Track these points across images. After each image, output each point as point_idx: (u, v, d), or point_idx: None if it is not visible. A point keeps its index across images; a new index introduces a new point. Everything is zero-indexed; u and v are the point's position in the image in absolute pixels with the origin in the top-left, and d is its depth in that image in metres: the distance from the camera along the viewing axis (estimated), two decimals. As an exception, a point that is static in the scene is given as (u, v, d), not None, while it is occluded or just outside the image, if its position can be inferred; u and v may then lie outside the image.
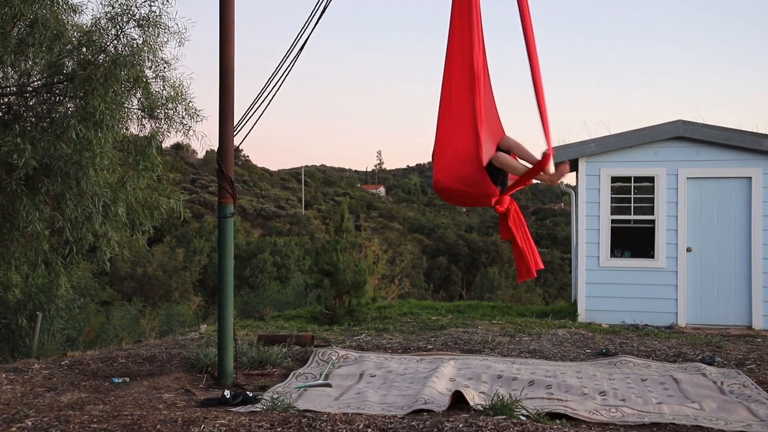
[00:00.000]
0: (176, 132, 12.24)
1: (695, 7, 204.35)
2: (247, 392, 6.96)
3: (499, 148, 6.77)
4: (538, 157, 6.39)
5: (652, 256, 12.54)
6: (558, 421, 5.94)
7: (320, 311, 12.97)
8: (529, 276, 6.85)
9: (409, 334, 10.86)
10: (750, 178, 12.17)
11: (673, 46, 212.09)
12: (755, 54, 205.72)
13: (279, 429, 5.53)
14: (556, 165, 6.58)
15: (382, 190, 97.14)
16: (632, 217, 12.63)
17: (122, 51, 11.37)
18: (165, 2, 11.58)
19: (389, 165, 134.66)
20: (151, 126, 12.13)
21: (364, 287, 12.97)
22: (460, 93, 6.52)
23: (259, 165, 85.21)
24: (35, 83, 11.77)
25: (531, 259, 6.84)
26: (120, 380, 7.84)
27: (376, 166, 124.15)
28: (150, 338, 12.73)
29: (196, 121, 12.21)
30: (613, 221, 12.65)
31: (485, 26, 6.77)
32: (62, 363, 8.71)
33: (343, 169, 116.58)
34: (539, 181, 6.99)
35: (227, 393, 6.82)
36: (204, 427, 5.50)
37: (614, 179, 12.69)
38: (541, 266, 6.95)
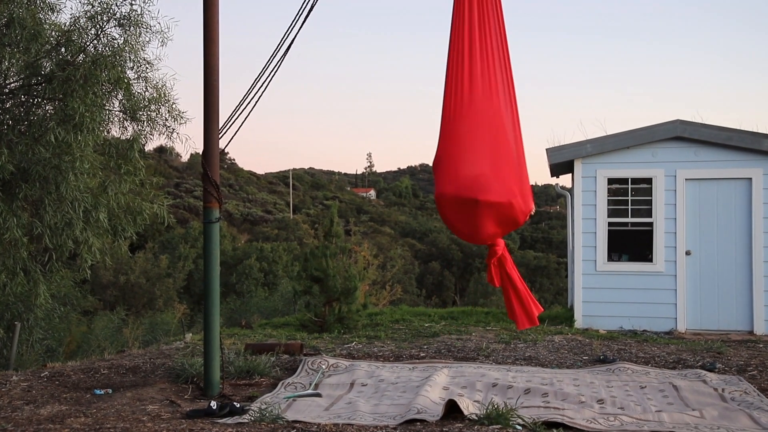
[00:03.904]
0: (159, 134, 12.32)
1: (695, 6, 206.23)
2: (235, 403, 6.86)
3: None
4: None
5: (651, 260, 12.40)
6: (555, 430, 5.91)
7: (309, 319, 12.85)
8: (532, 323, 6.66)
9: (401, 342, 10.75)
10: (750, 179, 12.06)
11: (673, 45, 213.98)
12: (755, 53, 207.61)
13: (267, 441, 5.40)
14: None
15: (372, 193, 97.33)
16: (630, 219, 12.49)
17: (103, 51, 11.37)
18: (146, 1, 11.55)
19: (380, 168, 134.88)
20: (133, 128, 12.15)
21: (354, 294, 12.85)
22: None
23: (246, 168, 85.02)
24: (12, 85, 11.72)
25: (531, 304, 6.65)
26: (102, 392, 7.68)
27: (366, 168, 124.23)
28: (133, 348, 12.57)
29: (180, 123, 12.32)
30: (610, 224, 12.53)
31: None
32: (42, 375, 8.56)
33: (332, 172, 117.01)
34: None
35: (214, 404, 6.72)
36: (189, 441, 5.34)
37: (611, 181, 12.57)
38: (541, 309, 6.74)
